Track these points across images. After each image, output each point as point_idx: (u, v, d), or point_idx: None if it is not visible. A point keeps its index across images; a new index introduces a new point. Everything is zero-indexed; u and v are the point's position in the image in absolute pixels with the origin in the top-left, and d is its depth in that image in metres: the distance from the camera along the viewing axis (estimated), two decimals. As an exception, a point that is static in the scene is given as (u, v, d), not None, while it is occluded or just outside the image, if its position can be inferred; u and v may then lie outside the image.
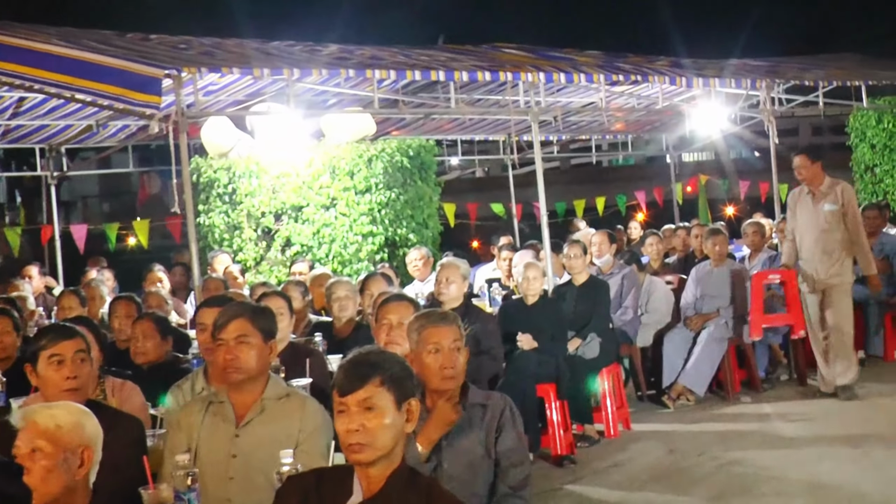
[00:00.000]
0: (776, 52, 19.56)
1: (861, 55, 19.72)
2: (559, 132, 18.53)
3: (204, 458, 5.12)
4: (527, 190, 17.00)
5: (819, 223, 11.30)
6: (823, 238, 11.27)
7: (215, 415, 5.24)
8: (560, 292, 11.20)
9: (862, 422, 10.18)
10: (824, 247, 11.27)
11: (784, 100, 16.55)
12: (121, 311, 9.14)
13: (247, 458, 5.09)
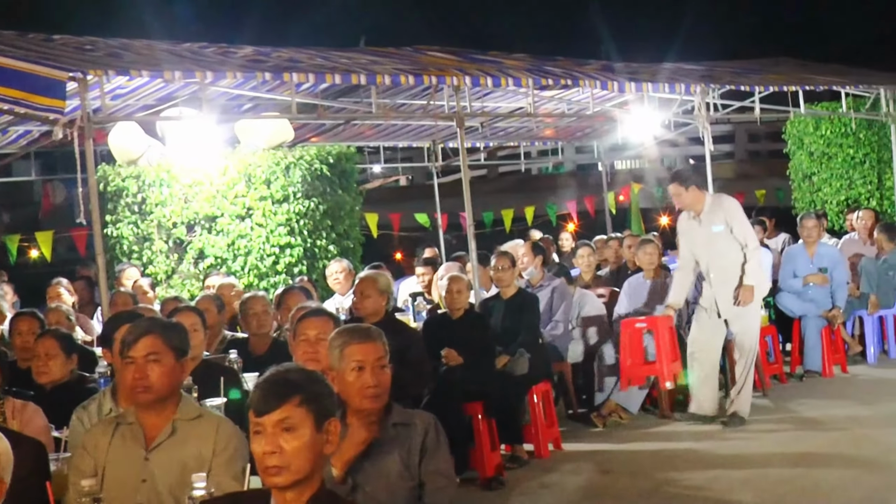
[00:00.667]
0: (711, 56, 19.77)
1: (798, 60, 19.97)
2: (486, 139, 18.58)
3: (111, 483, 5.07)
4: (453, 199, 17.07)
5: (711, 249, 11.16)
6: (718, 264, 11.14)
7: (124, 437, 5.19)
8: (487, 306, 11.22)
9: (799, 439, 10.29)
10: (723, 275, 11.14)
11: (720, 105, 16.72)
12: (22, 328, 9.03)
13: (157, 483, 5.05)
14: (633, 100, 15.68)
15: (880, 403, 11.57)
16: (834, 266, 13.81)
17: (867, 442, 9.92)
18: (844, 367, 13.76)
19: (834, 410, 11.45)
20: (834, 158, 18.99)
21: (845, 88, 16.91)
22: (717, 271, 11.16)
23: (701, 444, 10.41)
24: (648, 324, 11.31)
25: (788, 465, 9.42)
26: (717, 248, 11.12)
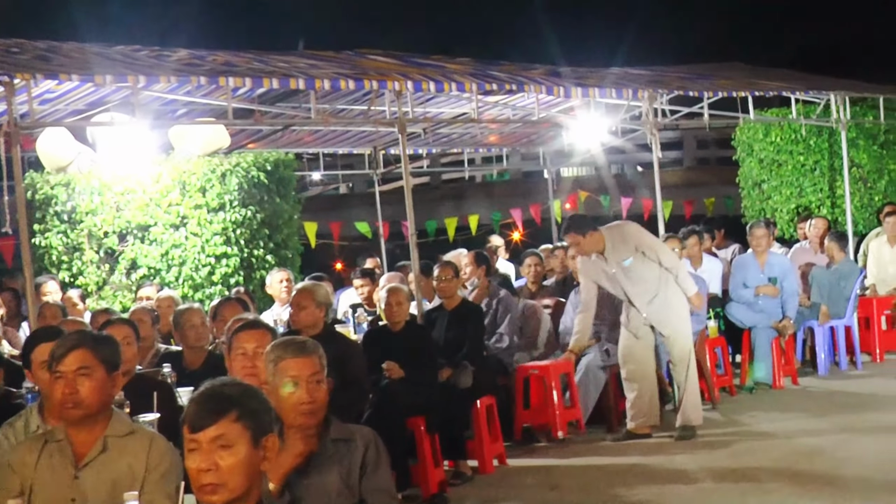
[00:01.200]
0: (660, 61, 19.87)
1: (748, 65, 20.11)
2: (429, 145, 18.59)
3: (39, 503, 5.03)
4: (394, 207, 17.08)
5: (628, 281, 11.26)
6: (640, 290, 11.25)
7: (52, 455, 5.15)
8: (430, 318, 11.23)
9: (750, 452, 10.36)
10: (647, 296, 11.25)
11: (668, 111, 16.81)
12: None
13: (87, 502, 5.02)
14: (580, 105, 15.74)
15: (832, 416, 11.67)
16: (784, 275, 13.92)
17: (819, 455, 10.01)
18: (795, 379, 13.88)
19: (785, 423, 11.54)
20: (784, 165, 19.12)
21: (795, 94, 17.05)
22: (639, 297, 11.29)
23: (651, 459, 10.46)
24: (541, 370, 11.38)
25: (739, 479, 9.48)
26: (634, 277, 11.24)
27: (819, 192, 18.80)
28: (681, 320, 11.34)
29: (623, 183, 27.13)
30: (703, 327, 12.97)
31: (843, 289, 14.70)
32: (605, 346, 11.97)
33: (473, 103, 13.36)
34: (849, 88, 17.65)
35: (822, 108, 17.50)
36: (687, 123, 21.64)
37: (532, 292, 13.79)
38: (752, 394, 13.39)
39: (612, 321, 12.20)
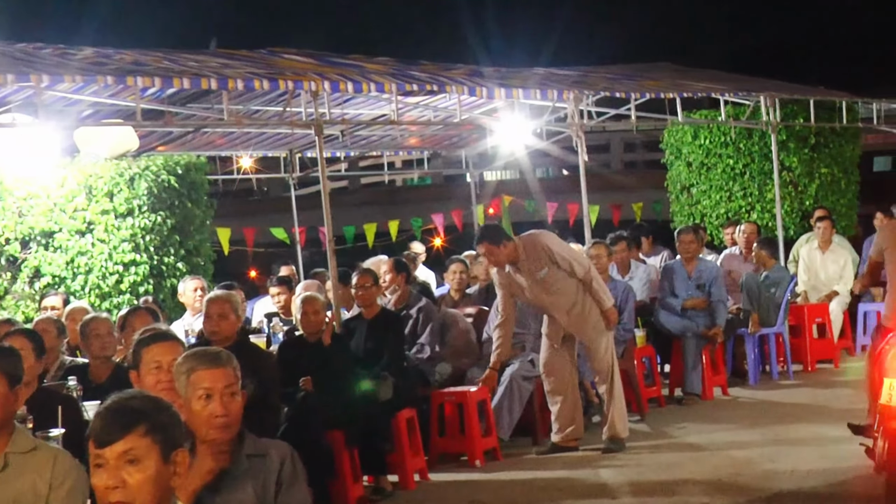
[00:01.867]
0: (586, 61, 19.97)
1: (676, 66, 20.26)
2: (347, 148, 18.57)
3: (-64, 524, 4.98)
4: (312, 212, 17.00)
5: (544, 292, 11.30)
6: (556, 302, 11.30)
7: (-50, 473, 5.10)
8: (349, 327, 11.21)
9: (679, 465, 10.43)
10: (565, 308, 11.31)
11: (594, 113, 16.89)
12: None
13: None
14: (503, 107, 15.78)
15: (762, 427, 11.80)
16: (713, 282, 14.05)
17: (749, 467, 10.10)
18: (725, 390, 14.01)
19: (715, 435, 11.64)
20: (713, 169, 19.26)
21: (725, 96, 17.21)
22: (558, 307, 11.34)
23: (576, 472, 10.51)
24: (457, 397, 11.42)
25: (667, 492, 9.54)
26: (551, 287, 11.25)
27: (749, 196, 18.97)
28: (599, 331, 11.38)
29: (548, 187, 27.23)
30: (631, 336, 13.07)
31: (774, 296, 14.85)
32: (529, 357, 12.01)
33: (393, 104, 13.36)
34: (779, 90, 17.84)
35: (751, 110, 17.67)
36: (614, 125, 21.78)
37: (455, 300, 13.81)
38: (682, 405, 13.49)
39: (538, 330, 12.25)
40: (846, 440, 10.70)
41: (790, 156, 18.67)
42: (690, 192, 19.64)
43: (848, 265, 16.51)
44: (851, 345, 16.52)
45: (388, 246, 20.02)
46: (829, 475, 9.54)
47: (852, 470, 9.61)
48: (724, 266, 15.44)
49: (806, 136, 18.76)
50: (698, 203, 19.49)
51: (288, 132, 16.10)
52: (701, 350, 13.68)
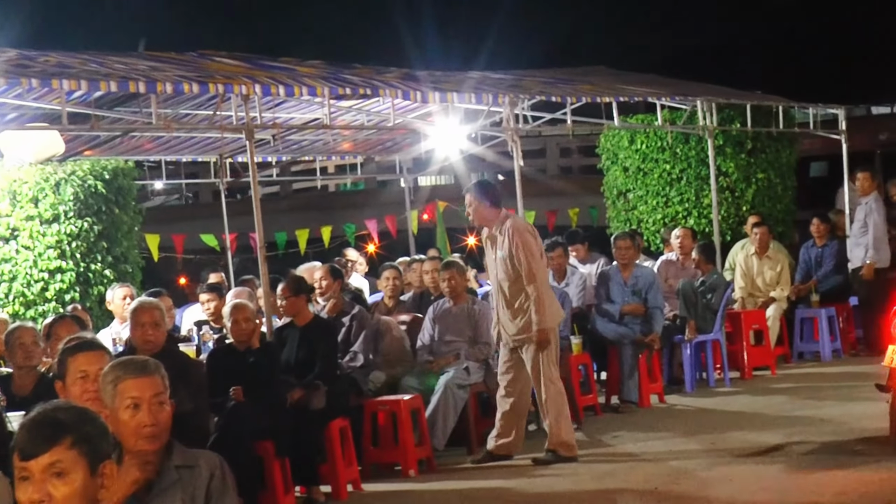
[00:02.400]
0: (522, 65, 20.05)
1: (610, 70, 20.35)
2: (279, 152, 18.50)
3: None
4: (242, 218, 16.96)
5: (497, 273, 11.27)
6: (503, 289, 11.25)
7: None
8: (280, 335, 11.19)
9: (613, 474, 10.48)
10: (506, 300, 11.25)
11: (530, 117, 16.94)
12: None
13: None
14: (438, 111, 15.79)
15: (699, 435, 11.87)
16: (649, 288, 14.14)
17: (685, 476, 10.16)
18: (662, 397, 14.10)
19: (651, 443, 11.71)
20: (650, 174, 19.34)
21: (661, 100, 17.30)
22: (499, 297, 11.31)
23: (512, 482, 10.54)
24: (390, 406, 11.44)
25: (603, 501, 9.60)
26: (503, 274, 11.22)
27: (685, 201, 19.07)
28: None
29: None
30: (567, 343, 13.11)
31: (711, 302, 14.97)
32: (464, 365, 12.04)
33: (325, 108, 13.35)
34: (716, 94, 17.96)
35: (688, 114, 17.79)
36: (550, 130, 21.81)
37: (388, 308, 13.82)
38: (619, 413, 13.56)
39: (472, 337, 12.29)
40: (781, 448, 10.85)
41: (727, 161, 18.80)
42: (627, 198, 19.72)
43: (785, 271, 16.68)
44: (788, 351, 16.68)
45: (321, 252, 19.98)
46: (764, 483, 9.62)
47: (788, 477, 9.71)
48: (660, 272, 15.54)
49: (743, 141, 18.89)
50: (635, 209, 19.57)
51: (218, 136, 16.01)
52: (637, 357, 13.76)
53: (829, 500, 8.94)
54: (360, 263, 18.14)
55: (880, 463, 9.93)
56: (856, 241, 16.86)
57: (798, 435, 11.44)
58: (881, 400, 10.69)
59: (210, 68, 12.76)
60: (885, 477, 9.40)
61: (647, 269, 14.96)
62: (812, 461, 10.30)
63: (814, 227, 17.54)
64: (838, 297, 17.06)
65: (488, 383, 12.22)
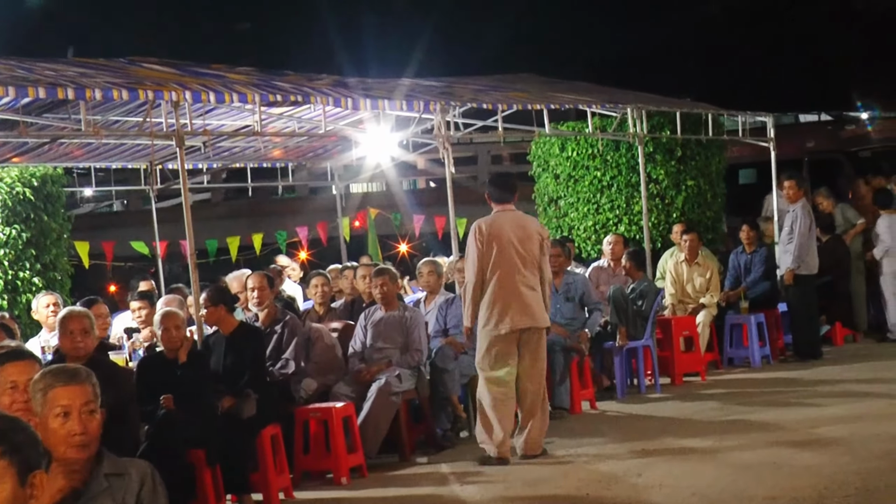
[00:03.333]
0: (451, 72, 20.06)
1: (541, 77, 20.41)
2: (209, 159, 18.43)
3: None
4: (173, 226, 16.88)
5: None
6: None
7: None
8: (208, 343, 11.14)
9: (545, 480, 10.50)
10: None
11: (461, 124, 16.95)
12: None
13: None
14: (369, 118, 15.79)
15: (630, 440, 11.93)
16: (583, 293, 14.25)
17: (616, 481, 10.21)
18: (594, 403, 14.16)
19: (582, 449, 11.74)
20: (581, 181, 19.41)
21: (592, 108, 17.39)
22: None
23: (443, 489, 10.55)
24: (322, 413, 11.45)
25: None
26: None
27: (616, 208, 19.16)
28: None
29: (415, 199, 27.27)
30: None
31: (642, 309, 15.06)
32: (396, 372, 12.03)
33: (256, 115, 13.31)
34: (646, 102, 18.07)
35: (618, 122, 17.87)
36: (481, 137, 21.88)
37: (320, 315, 13.80)
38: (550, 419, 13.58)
39: (404, 344, 12.29)
40: (712, 452, 10.92)
41: (657, 168, 18.91)
42: (558, 205, 19.79)
43: (714, 277, 16.80)
44: (718, 357, 16.80)
45: (253, 259, 19.91)
46: (695, 488, 9.68)
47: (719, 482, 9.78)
48: (592, 279, 15.62)
49: (672, 148, 19.00)
50: (566, 215, 19.64)
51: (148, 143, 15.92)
52: (568, 364, 13.80)
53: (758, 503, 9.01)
54: (292, 269, 18.11)
55: (809, 466, 10.02)
56: (784, 248, 17.02)
57: (728, 440, 11.53)
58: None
59: (140, 75, 12.69)
60: (814, 480, 9.48)
61: (579, 275, 15.02)
62: (742, 465, 10.38)
63: (743, 233, 17.70)
64: (767, 303, 17.21)
65: (420, 390, 12.26)
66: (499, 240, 11.41)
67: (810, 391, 14.20)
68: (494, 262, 11.39)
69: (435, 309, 13.41)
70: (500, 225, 11.51)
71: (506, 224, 11.54)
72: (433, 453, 12.06)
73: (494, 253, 11.40)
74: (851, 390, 13.99)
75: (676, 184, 19.05)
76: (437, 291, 13.72)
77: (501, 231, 11.46)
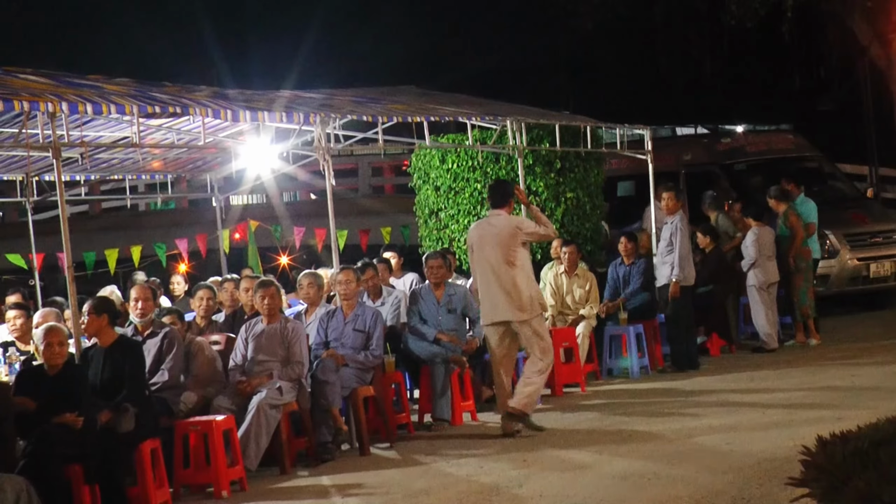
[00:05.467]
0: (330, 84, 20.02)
1: (420, 89, 20.44)
2: (87, 171, 18.19)
3: None
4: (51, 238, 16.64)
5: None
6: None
7: None
8: (85, 357, 10.98)
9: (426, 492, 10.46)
10: None
11: (341, 136, 16.92)
12: None
13: None
14: (249, 130, 15.70)
15: (510, 452, 11.96)
16: (465, 305, 14.30)
17: (497, 494, 10.20)
18: (475, 415, 14.18)
19: (463, 460, 11.76)
20: (461, 193, 19.45)
21: (472, 120, 17.43)
22: None
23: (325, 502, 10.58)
24: (202, 426, 11.38)
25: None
26: None
27: (496, 220, 19.20)
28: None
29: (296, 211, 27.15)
30: (381, 362, 13.15)
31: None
32: (277, 384, 11.96)
33: (135, 127, 13.16)
34: (525, 115, 18.15)
35: (498, 134, 17.92)
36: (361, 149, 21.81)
37: (201, 328, 13.68)
38: (431, 430, 13.60)
39: (285, 357, 12.23)
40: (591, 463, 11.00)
41: (537, 180, 19.00)
42: (439, 217, 19.82)
43: (594, 289, 16.92)
44: (598, 368, 16.91)
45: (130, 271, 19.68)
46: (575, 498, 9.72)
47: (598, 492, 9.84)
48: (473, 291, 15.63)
49: (552, 160, 19.11)
50: (447, 227, 19.67)
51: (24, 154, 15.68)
52: (450, 376, 13.81)
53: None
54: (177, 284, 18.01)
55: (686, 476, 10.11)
56: (662, 260, 17.18)
57: (607, 450, 11.61)
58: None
59: (15, 85, 12.49)
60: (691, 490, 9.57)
61: (460, 286, 15.04)
62: (621, 475, 10.44)
63: (621, 245, 17.84)
64: (645, 314, 17.36)
65: (301, 403, 12.20)
66: (475, 244, 13.21)
67: (688, 401, 14.35)
68: (474, 263, 13.36)
69: (316, 321, 13.37)
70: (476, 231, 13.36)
71: (479, 229, 13.36)
72: (314, 466, 12.01)
73: (473, 256, 13.30)
74: (727, 400, 14.15)
75: (556, 196, 19.16)
76: (318, 304, 13.67)
77: (473, 235, 13.36)
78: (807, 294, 18.37)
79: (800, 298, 18.37)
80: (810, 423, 11.23)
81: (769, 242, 18.18)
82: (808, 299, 18.38)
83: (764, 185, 20.67)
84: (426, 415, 14.02)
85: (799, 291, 18.36)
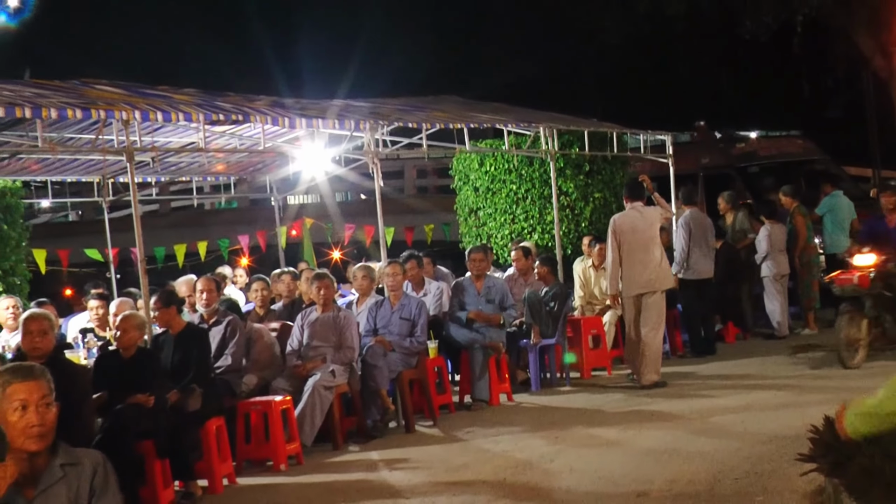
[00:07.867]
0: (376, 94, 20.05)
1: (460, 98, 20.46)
2: (157, 173, 18.31)
3: None
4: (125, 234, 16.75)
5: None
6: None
7: None
8: (157, 343, 11.06)
9: (466, 466, 10.49)
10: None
11: (389, 142, 16.97)
12: None
13: None
14: (304, 135, 15.75)
15: (542, 430, 11.94)
16: (501, 297, 14.29)
17: (530, 468, 10.21)
18: (510, 396, 14.17)
19: (500, 437, 11.75)
20: (498, 194, 19.51)
21: (508, 126, 17.44)
22: None
23: (372, 475, 10.52)
24: (262, 406, 11.39)
25: (457, 492, 9.58)
26: None
27: (530, 218, 19.25)
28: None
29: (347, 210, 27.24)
30: (424, 347, 13.15)
31: (554, 310, 15.08)
32: (330, 368, 11.99)
33: (201, 133, 13.24)
34: (557, 122, 18.15)
35: (532, 139, 17.93)
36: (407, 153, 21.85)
37: (260, 316, 13.73)
38: (471, 410, 13.60)
39: (337, 342, 12.25)
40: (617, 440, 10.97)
41: (567, 182, 19.01)
42: (477, 215, 19.86)
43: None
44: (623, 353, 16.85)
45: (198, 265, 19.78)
46: (602, 472, 9.71)
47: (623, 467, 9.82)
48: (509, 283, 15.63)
49: (581, 163, 19.12)
50: (485, 225, 19.71)
51: (100, 158, 15.79)
52: (487, 360, 13.82)
53: (659, 486, 9.04)
54: (239, 276, 18.06)
55: (704, 452, 10.08)
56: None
57: (632, 428, 11.58)
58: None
59: (92, 95, 12.57)
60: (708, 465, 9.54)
61: (499, 279, 15.10)
62: (644, 451, 10.42)
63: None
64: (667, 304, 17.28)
65: (352, 384, 12.22)
66: (627, 230, 14.31)
67: (705, 384, 14.29)
68: (622, 246, 14.25)
69: (366, 310, 13.38)
70: (627, 220, 14.42)
71: (628, 218, 14.44)
72: (364, 442, 12.02)
73: (622, 240, 14.26)
74: (741, 383, 14.08)
75: (584, 196, 19.16)
76: (369, 294, 13.69)
77: (624, 224, 14.38)
78: (811, 287, 18.33)
79: (804, 291, 18.35)
80: (818, 404, 11.12)
81: (780, 238, 18.11)
82: (812, 292, 18.34)
83: (775, 186, 20.58)
84: (466, 396, 14.01)
85: (804, 284, 18.35)
